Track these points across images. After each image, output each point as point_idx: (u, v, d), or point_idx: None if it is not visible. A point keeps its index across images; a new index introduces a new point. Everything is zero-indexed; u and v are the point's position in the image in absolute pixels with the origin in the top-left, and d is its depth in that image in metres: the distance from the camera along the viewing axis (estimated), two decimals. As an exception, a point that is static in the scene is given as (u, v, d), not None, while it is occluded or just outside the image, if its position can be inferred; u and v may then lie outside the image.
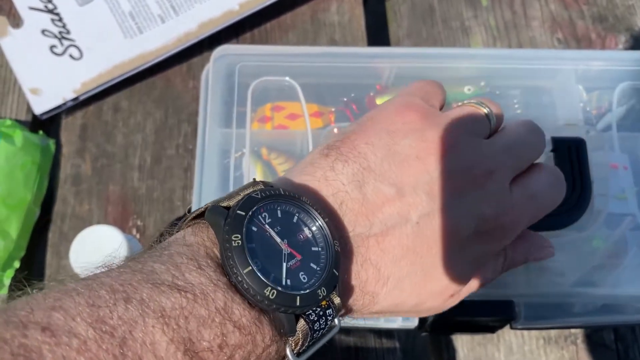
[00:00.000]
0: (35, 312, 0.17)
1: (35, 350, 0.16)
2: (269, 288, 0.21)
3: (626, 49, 0.55)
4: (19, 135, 0.46)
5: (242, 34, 0.54)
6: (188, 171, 0.50)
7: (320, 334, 0.23)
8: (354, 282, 0.25)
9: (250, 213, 0.23)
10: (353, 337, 0.44)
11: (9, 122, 0.47)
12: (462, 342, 0.45)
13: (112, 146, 0.50)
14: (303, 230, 0.24)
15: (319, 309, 0.23)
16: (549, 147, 0.38)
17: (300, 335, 0.22)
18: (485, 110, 0.30)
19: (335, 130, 0.41)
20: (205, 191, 0.40)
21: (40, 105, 0.49)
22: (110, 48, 0.50)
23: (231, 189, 0.40)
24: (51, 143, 0.49)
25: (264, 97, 0.43)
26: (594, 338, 0.46)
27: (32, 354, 0.16)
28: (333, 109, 0.44)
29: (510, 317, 0.37)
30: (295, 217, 0.24)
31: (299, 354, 0.23)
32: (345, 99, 0.44)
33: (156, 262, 0.21)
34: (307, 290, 0.23)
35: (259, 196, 0.23)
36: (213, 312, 0.20)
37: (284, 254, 0.23)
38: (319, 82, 0.44)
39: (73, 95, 0.49)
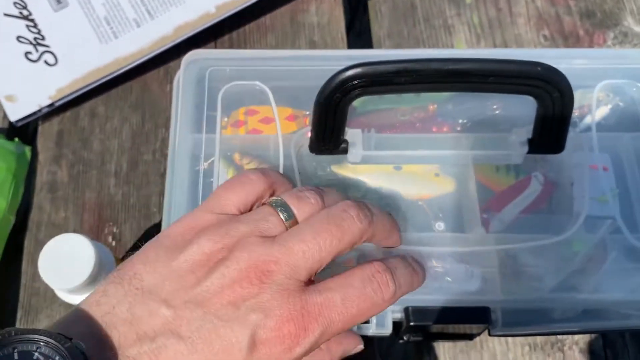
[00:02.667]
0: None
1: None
2: None
3: (615, 45, 0.54)
4: (-7, 143, 0.45)
5: (220, 36, 0.53)
6: (165, 176, 0.49)
7: None
8: None
9: None
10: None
11: (-17, 130, 0.46)
12: (445, 350, 0.44)
13: (88, 152, 0.50)
14: None
15: None
16: (524, 149, 0.37)
17: None
18: (282, 216, 0.28)
19: (308, 134, 0.40)
20: (176, 198, 0.39)
21: (16, 113, 0.49)
22: (85, 53, 0.49)
23: (200, 196, 0.40)
24: (27, 150, 0.49)
25: (238, 101, 0.42)
26: (582, 345, 0.45)
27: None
28: (308, 112, 0.43)
29: (486, 324, 0.36)
30: (35, 355, 0.23)
31: None
32: (319, 102, 0.43)
33: None
34: None
35: None
36: None
37: None
38: (293, 85, 0.43)
39: (48, 102, 0.49)
